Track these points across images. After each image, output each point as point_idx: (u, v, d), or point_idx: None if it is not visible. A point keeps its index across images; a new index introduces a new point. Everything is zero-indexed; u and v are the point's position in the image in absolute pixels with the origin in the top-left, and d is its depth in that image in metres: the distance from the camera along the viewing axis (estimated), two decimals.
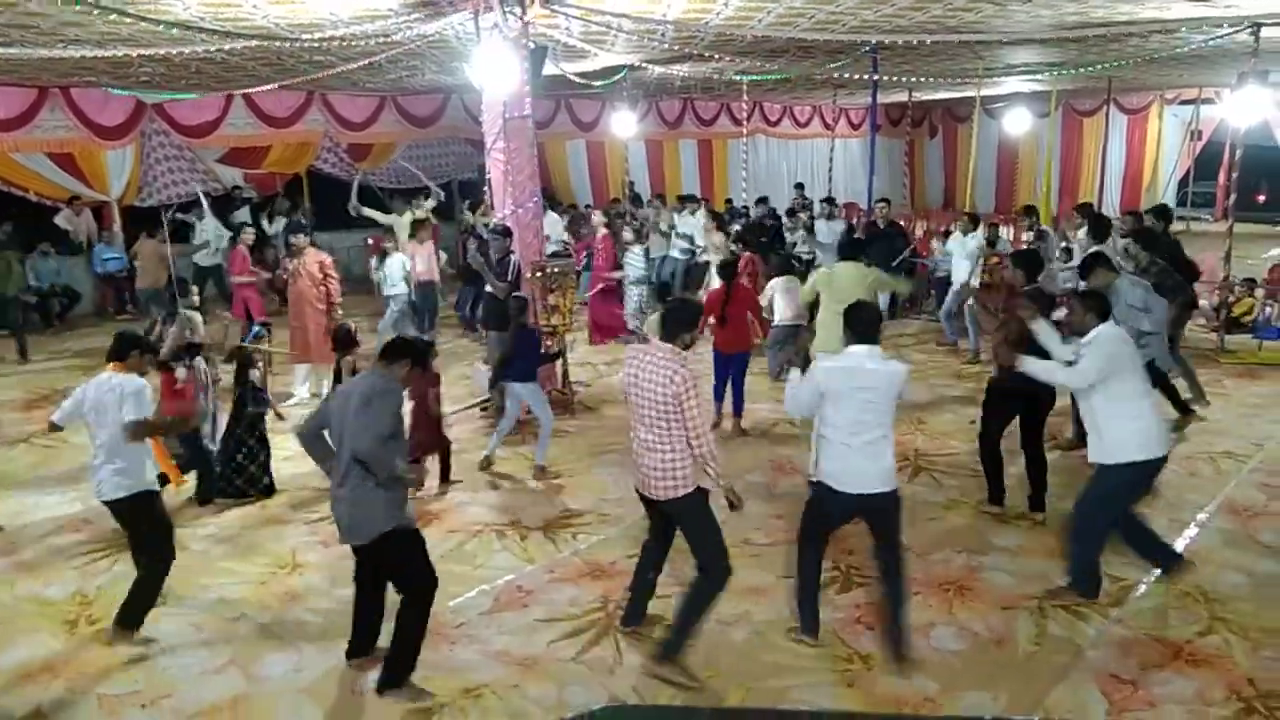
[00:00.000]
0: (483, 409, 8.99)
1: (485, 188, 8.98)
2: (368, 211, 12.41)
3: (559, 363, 9.08)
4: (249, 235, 11.24)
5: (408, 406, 5.98)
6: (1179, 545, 5.88)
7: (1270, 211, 20.56)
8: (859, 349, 4.58)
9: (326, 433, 4.54)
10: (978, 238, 10.95)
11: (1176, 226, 20.67)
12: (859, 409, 4.49)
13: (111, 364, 5.07)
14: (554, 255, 10.61)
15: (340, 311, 9.22)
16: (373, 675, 4.64)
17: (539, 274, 8.59)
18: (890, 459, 4.58)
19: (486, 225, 10.14)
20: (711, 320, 8.07)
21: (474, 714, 4.40)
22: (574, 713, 4.31)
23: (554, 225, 14.45)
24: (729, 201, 17.46)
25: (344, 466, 4.38)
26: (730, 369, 8.19)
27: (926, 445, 7.93)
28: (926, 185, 25.30)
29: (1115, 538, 5.29)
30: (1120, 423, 4.94)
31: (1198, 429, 8.01)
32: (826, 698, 4.43)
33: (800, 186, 19.19)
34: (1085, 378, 4.98)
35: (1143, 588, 5.39)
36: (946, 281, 11.74)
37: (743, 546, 6.03)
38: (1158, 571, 5.41)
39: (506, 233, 8.49)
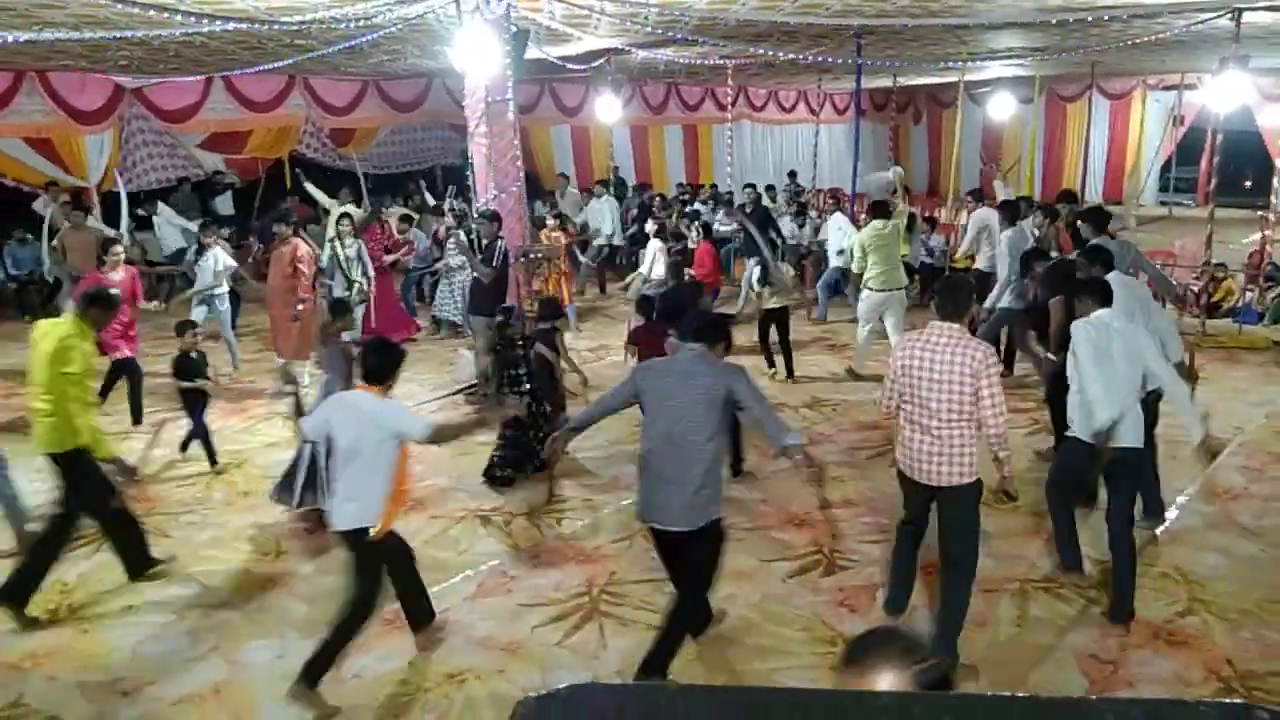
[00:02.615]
0: (468, 395, 8.96)
1: (469, 173, 8.92)
2: (312, 188, 11.97)
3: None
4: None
5: None
6: (1159, 527, 5.94)
7: (1252, 196, 20.65)
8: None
9: None
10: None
11: (1159, 211, 21.00)
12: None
13: None
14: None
15: (301, 307, 8.93)
16: (359, 660, 4.64)
17: (523, 259, 8.56)
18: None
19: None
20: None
21: (458, 699, 4.41)
22: None
23: (602, 215, 14.32)
24: (714, 186, 17.45)
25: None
26: None
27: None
28: (912, 170, 25.33)
29: (1095, 521, 5.34)
30: (1072, 397, 5.02)
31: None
32: (810, 681, 4.46)
33: (794, 175, 19.22)
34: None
35: None
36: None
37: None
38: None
39: (494, 217, 8.45)
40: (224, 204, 15.81)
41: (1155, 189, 22.51)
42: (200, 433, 7.16)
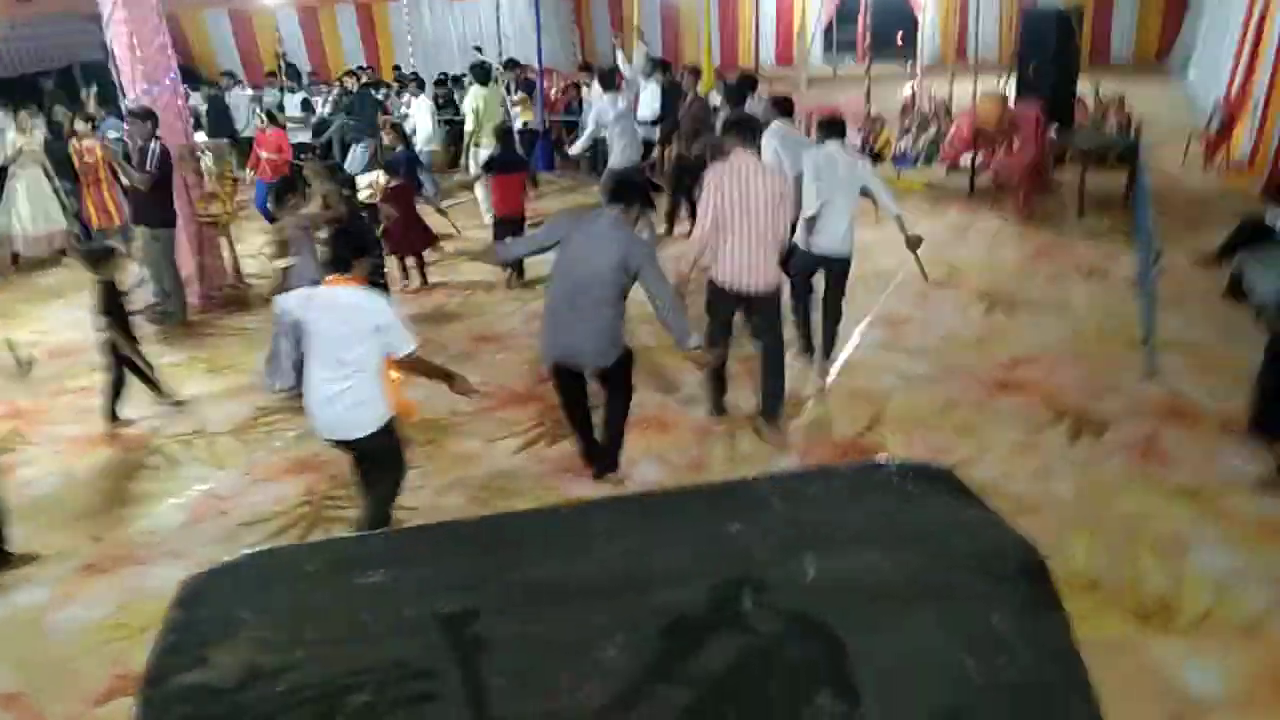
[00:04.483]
0: (150, 315, 8.14)
1: (111, 66, 7.91)
2: None
3: (230, 253, 8.39)
4: None
5: None
6: (844, 353, 6.55)
7: (905, 52, 22.50)
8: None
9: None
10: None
11: (826, 71, 22.41)
12: None
13: None
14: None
15: None
16: (63, 612, 4.24)
17: (190, 158, 7.80)
18: None
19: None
20: None
21: None
22: None
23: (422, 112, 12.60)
24: (396, 68, 16.64)
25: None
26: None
27: None
28: (595, 43, 25.38)
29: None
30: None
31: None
32: None
33: (480, 50, 18.58)
34: None
35: (812, 399, 6.00)
36: None
37: (449, 417, 6.02)
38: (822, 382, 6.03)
39: (147, 115, 7.54)
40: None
41: (820, 51, 23.98)
42: None
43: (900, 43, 22.41)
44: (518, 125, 11.90)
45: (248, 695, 1.56)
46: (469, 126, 10.97)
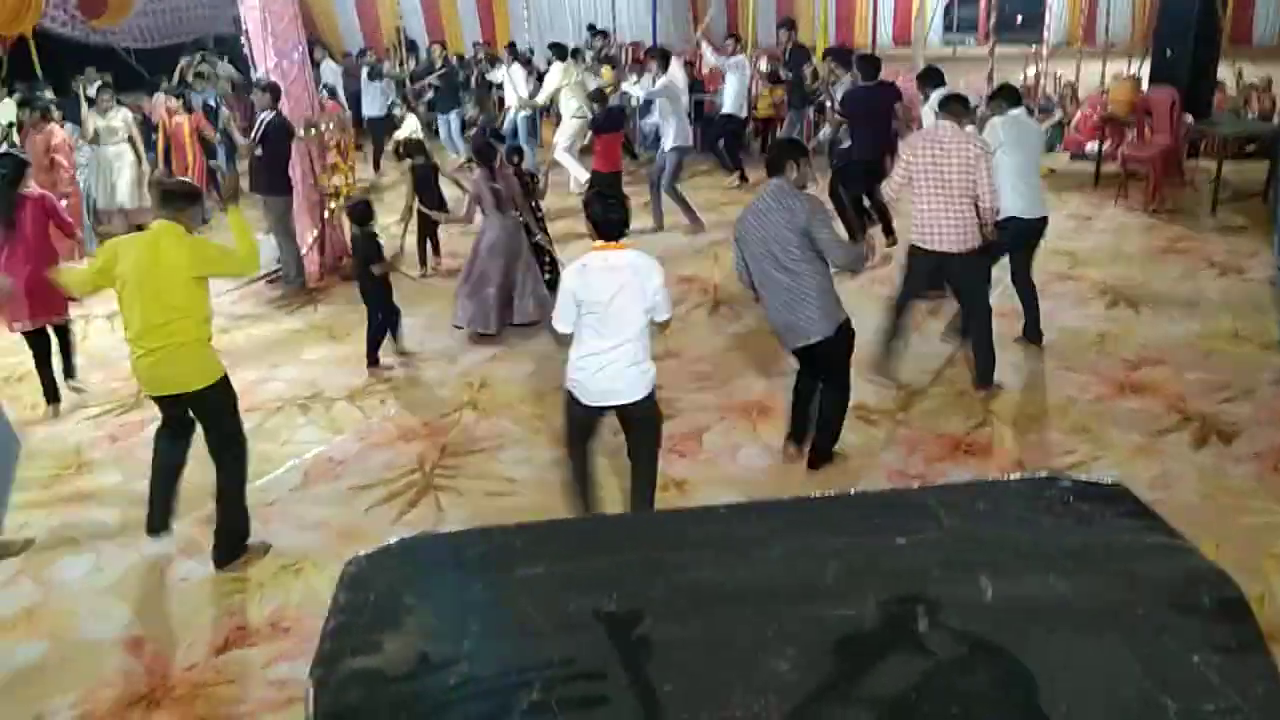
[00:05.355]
0: (270, 280, 8.47)
1: (243, 40, 8.20)
2: None
3: (334, 227, 8.59)
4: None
5: None
6: (954, 346, 6.39)
7: (1025, 34, 21.70)
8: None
9: None
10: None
11: (945, 52, 21.78)
12: None
13: None
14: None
15: (66, 202, 8.10)
16: (184, 563, 4.48)
17: (312, 130, 8.04)
18: None
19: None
20: None
21: (295, 588, 4.32)
22: None
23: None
24: (511, 44, 16.79)
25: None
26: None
27: (724, 279, 8.15)
28: (710, 20, 25.14)
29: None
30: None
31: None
32: None
33: (593, 29, 18.64)
34: None
35: (927, 392, 5.85)
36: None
37: (554, 393, 6.08)
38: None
39: (271, 89, 7.83)
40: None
41: (940, 29, 23.28)
42: None
43: (1020, 21, 21.61)
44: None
45: (419, 684, 1.57)
46: (540, 100, 11.54)
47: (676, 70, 10.57)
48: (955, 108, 5.66)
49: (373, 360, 6.57)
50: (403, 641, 1.65)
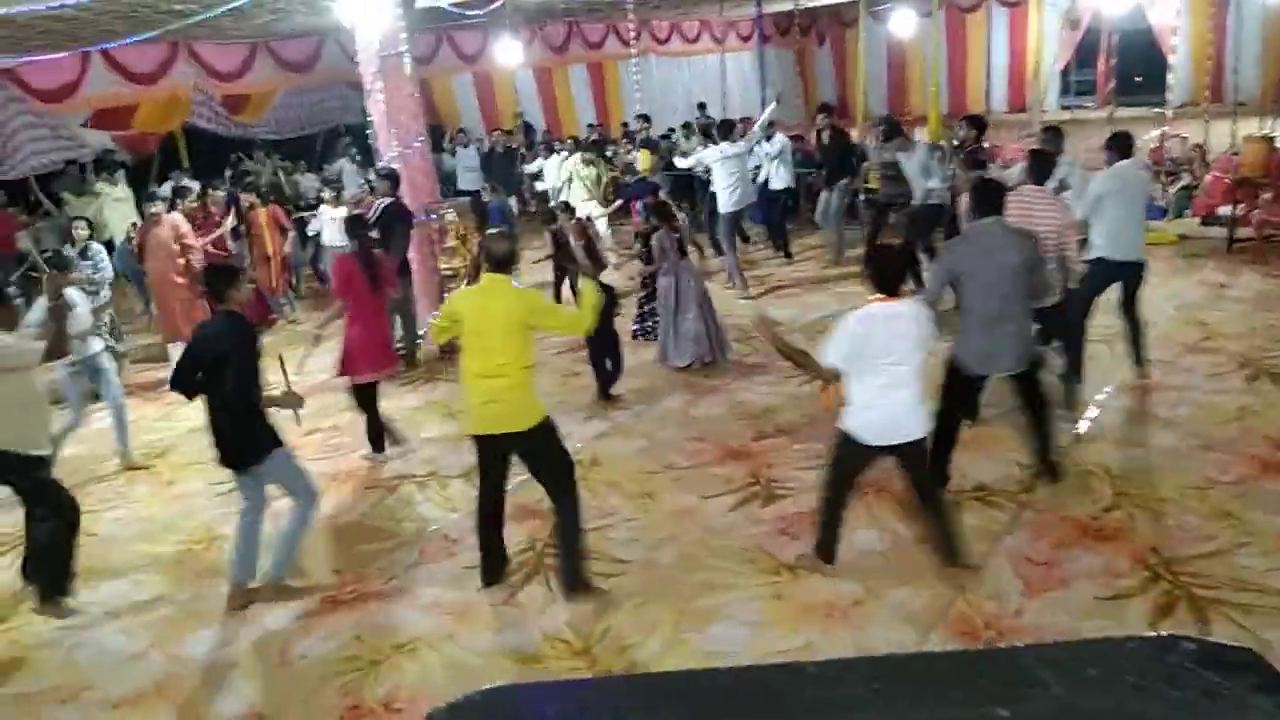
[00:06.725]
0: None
1: (369, 131, 8.64)
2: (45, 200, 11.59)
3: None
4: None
5: None
6: (1082, 426, 6.12)
7: (1147, 94, 21.11)
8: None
9: None
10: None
11: (1062, 116, 21.38)
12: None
13: None
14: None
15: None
16: (303, 641, 4.59)
17: (432, 216, 8.36)
18: None
19: None
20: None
21: (409, 669, 4.37)
22: (507, 657, 4.33)
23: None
24: (625, 124, 17.24)
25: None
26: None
27: None
28: (819, 94, 25.36)
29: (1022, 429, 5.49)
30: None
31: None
32: (756, 612, 4.52)
33: (703, 107, 18.98)
34: None
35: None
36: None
37: (665, 471, 6.08)
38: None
39: (389, 175, 8.20)
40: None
41: (1057, 94, 22.87)
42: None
43: (1139, 81, 21.00)
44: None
45: None
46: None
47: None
48: (1044, 170, 5.99)
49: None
50: None
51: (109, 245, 10.64)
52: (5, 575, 5.53)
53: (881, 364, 4.32)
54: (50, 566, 5.04)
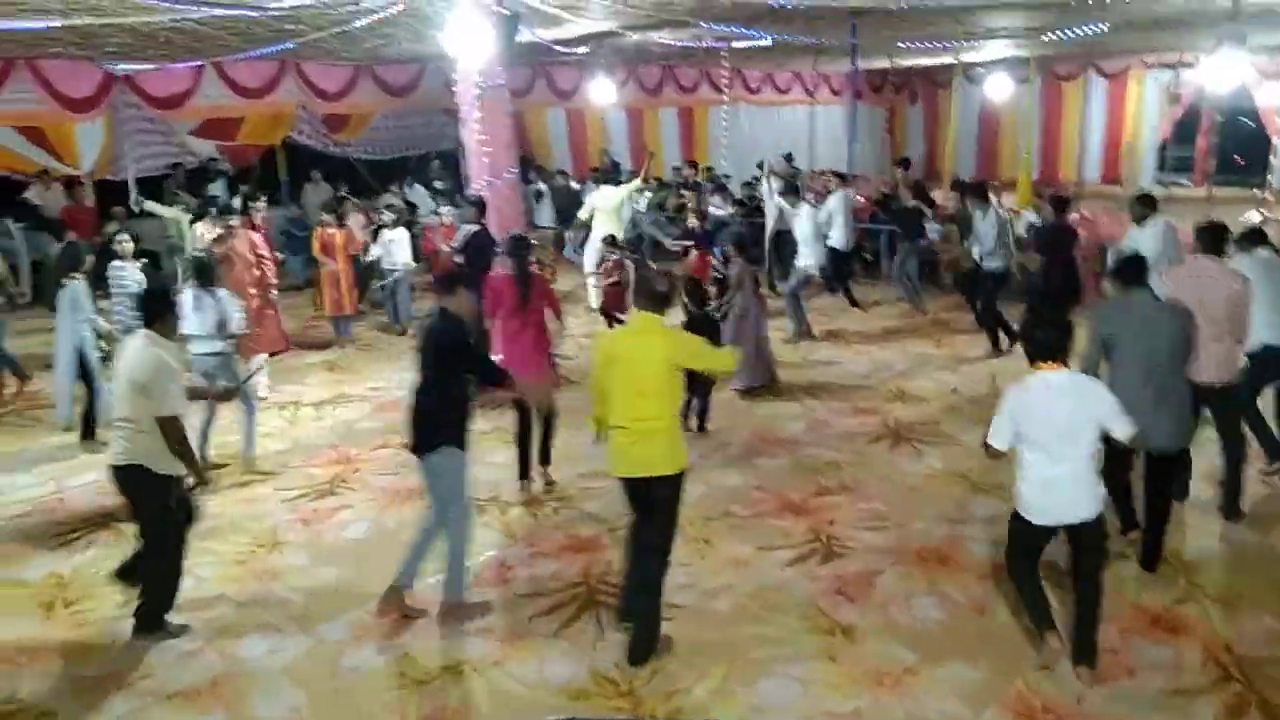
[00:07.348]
0: None
1: (461, 159, 8.85)
2: (149, 205, 11.95)
3: None
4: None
5: None
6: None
7: (1246, 175, 20.55)
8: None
9: None
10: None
11: (1156, 192, 20.93)
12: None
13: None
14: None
15: (274, 294, 9.10)
16: (357, 653, 4.64)
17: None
18: None
19: None
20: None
21: (454, 691, 4.39)
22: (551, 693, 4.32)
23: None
24: (709, 169, 17.36)
25: None
26: None
27: (906, 414, 7.94)
28: (908, 153, 25.22)
29: None
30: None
31: None
32: (807, 671, 4.45)
33: (790, 157, 18.99)
34: None
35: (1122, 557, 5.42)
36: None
37: (724, 519, 6.05)
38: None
39: (476, 203, 8.41)
40: (216, 191, 15.68)
41: (1152, 169, 22.38)
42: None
43: (1242, 163, 20.44)
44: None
45: None
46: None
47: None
48: (1218, 242, 5.79)
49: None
50: None
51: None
52: (80, 558, 5.71)
53: (1046, 439, 4.11)
54: (149, 590, 4.91)
